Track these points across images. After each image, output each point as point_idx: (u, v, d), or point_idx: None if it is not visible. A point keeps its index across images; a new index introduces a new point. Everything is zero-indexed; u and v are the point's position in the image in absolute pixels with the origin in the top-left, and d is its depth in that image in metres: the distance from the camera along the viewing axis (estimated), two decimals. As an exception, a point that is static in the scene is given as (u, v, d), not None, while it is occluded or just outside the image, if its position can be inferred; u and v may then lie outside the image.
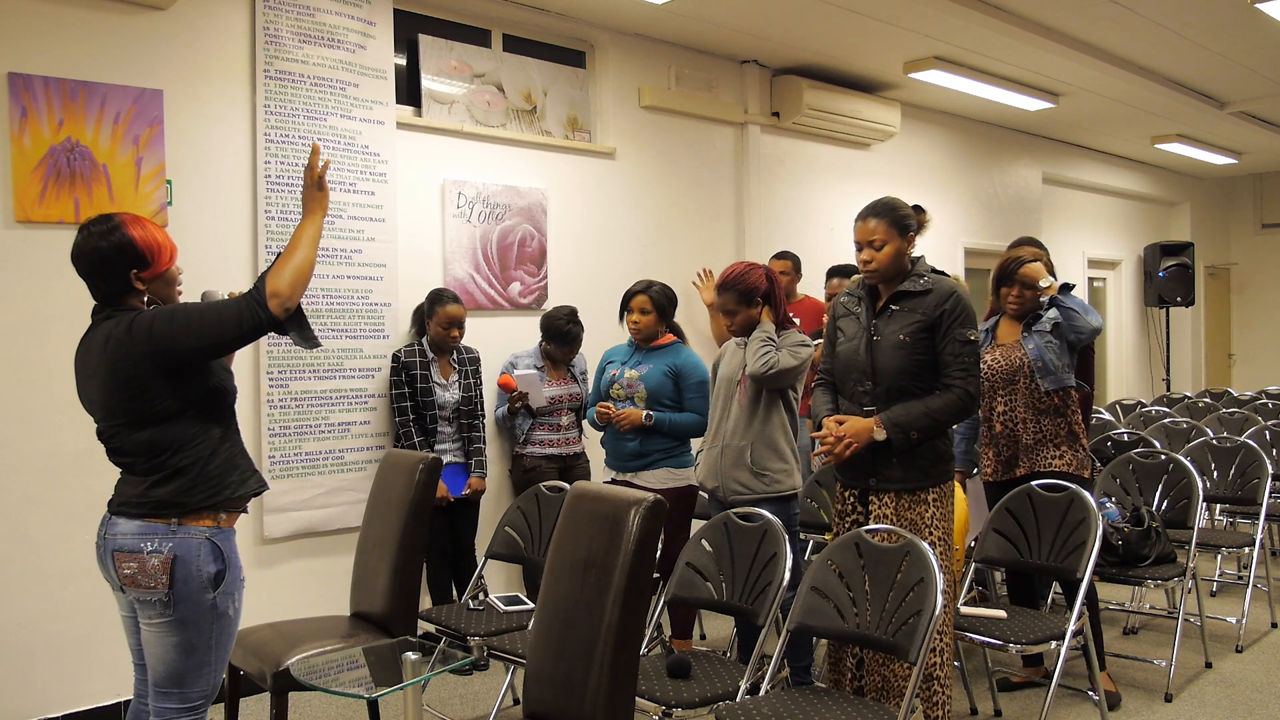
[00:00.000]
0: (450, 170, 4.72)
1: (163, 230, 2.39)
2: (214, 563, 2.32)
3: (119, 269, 2.29)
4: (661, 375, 3.87)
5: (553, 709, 2.43)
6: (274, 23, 4.08)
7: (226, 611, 2.35)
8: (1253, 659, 4.30)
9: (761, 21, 5.36)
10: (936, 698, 2.92)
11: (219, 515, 2.35)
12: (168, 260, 2.37)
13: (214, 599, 2.32)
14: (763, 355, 3.35)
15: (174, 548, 2.29)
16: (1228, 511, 5.48)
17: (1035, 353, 3.70)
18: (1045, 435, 3.70)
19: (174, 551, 2.29)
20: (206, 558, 2.31)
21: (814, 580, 2.87)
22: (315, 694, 3.66)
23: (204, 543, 2.32)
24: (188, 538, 2.30)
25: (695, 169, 5.82)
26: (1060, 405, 3.69)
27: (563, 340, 4.53)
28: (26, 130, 3.51)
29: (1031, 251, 3.92)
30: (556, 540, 2.62)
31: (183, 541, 2.30)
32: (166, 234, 2.39)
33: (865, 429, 2.93)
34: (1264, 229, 11.11)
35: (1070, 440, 3.70)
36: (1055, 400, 3.69)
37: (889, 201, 3.06)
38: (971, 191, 7.87)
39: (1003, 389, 3.74)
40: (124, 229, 2.30)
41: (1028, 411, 3.71)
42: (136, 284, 2.32)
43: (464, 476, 4.37)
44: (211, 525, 2.33)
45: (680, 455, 3.93)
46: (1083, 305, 3.66)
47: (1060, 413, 3.70)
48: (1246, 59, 6.48)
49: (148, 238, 2.32)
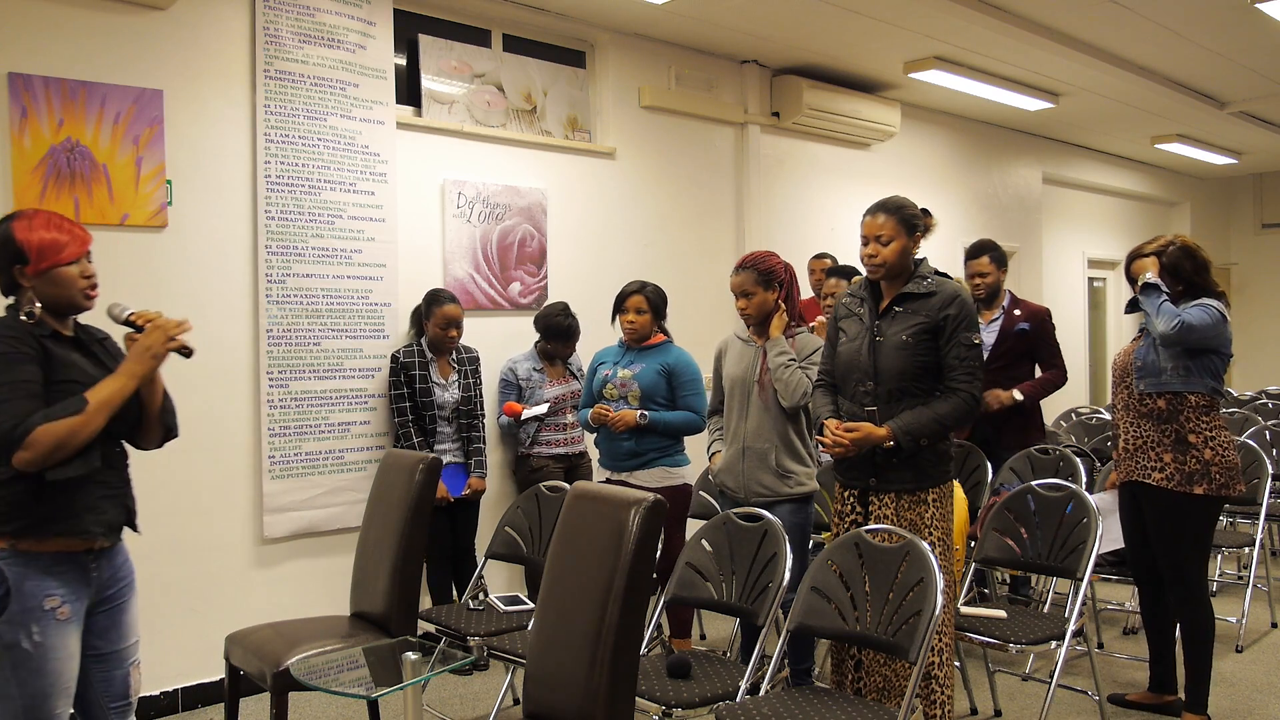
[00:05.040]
0: (450, 170, 4.72)
1: (67, 230, 2.25)
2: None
3: (2, 263, 2.23)
4: (654, 374, 3.87)
5: (553, 709, 2.43)
6: (274, 23, 4.08)
7: (18, 643, 2.13)
8: (1253, 659, 4.30)
9: (761, 21, 5.36)
10: (936, 697, 2.92)
11: (18, 540, 2.15)
12: (51, 261, 2.21)
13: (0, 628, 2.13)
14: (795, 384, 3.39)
15: None
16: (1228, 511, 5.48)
17: (1140, 352, 3.48)
18: (1147, 442, 3.45)
19: None
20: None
21: (814, 580, 2.87)
22: (315, 694, 3.66)
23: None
24: None
25: (695, 169, 5.82)
26: (1166, 410, 3.41)
27: (564, 335, 4.54)
28: (26, 130, 3.51)
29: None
30: (556, 540, 2.62)
31: None
32: (72, 234, 2.25)
33: (877, 440, 2.93)
34: (1264, 229, 11.11)
35: (1177, 448, 3.39)
36: (1159, 404, 3.43)
37: (898, 199, 3.07)
38: (971, 191, 7.87)
39: (1117, 389, 3.60)
40: (8, 222, 2.24)
41: (1127, 414, 3.53)
42: (21, 280, 2.23)
43: (464, 476, 4.37)
44: (3, 548, 2.15)
45: (675, 454, 3.94)
46: (1157, 308, 3.37)
47: (1166, 419, 3.41)
48: (1246, 59, 6.48)
49: (30, 235, 2.21)
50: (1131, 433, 3.50)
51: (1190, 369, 3.37)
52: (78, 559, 2.23)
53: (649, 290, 3.97)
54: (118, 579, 2.37)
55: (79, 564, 2.24)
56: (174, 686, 3.84)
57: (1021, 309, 4.67)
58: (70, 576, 2.22)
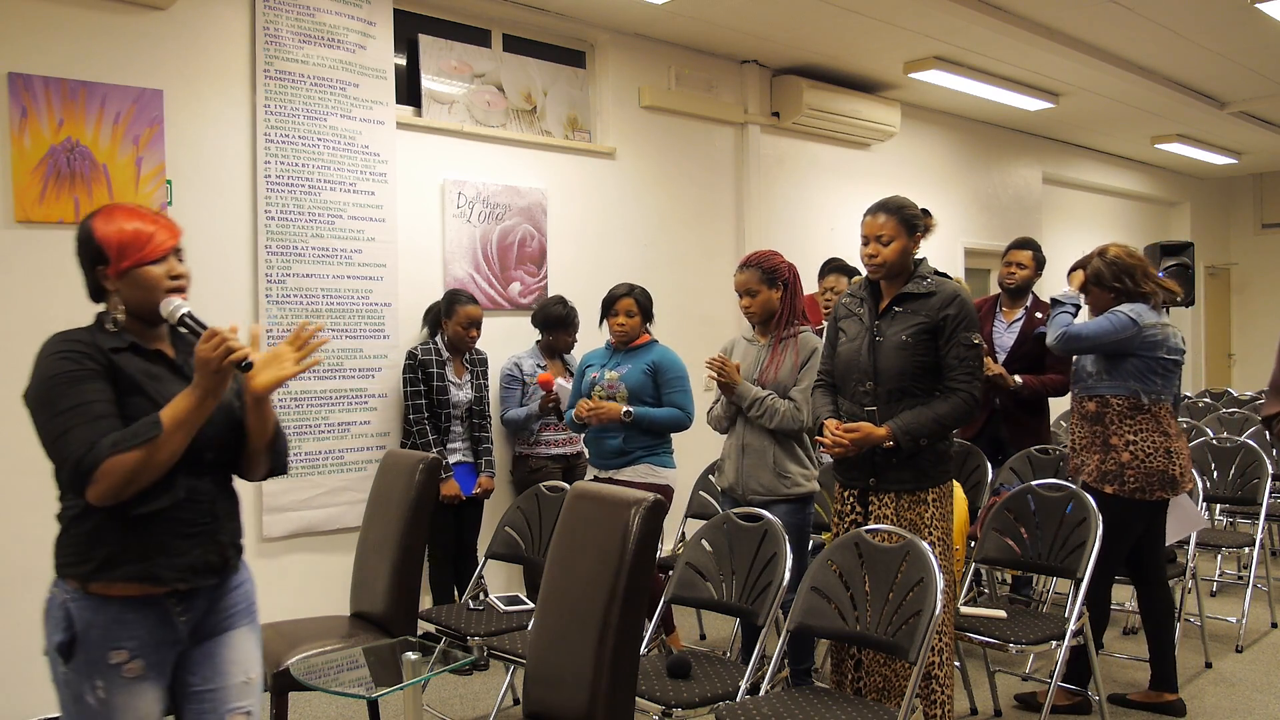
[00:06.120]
0: (450, 170, 4.72)
1: (152, 221, 1.99)
2: (60, 630, 1.89)
3: (85, 264, 1.99)
4: (641, 374, 3.89)
5: (553, 709, 2.43)
6: (274, 23, 4.08)
7: (82, 696, 1.87)
8: (1253, 659, 4.30)
9: (761, 21, 5.36)
10: (936, 697, 2.92)
11: (87, 583, 1.89)
12: (133, 259, 1.94)
13: (65, 674, 1.89)
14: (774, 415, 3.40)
15: (47, 601, 1.95)
16: (1228, 511, 5.48)
17: (1077, 358, 3.67)
18: (1082, 442, 3.60)
19: (45, 606, 1.95)
20: (56, 620, 1.91)
21: (814, 580, 2.87)
22: (315, 694, 3.66)
23: (60, 605, 1.90)
24: (55, 591, 1.94)
25: (695, 169, 5.82)
26: (1095, 413, 3.55)
27: (563, 323, 4.55)
28: (26, 130, 3.51)
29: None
30: (556, 540, 2.62)
31: (51, 595, 1.94)
32: (158, 225, 1.99)
33: (877, 440, 2.93)
34: (1264, 229, 11.12)
35: (1101, 449, 3.53)
36: (1089, 407, 3.58)
37: (899, 199, 3.07)
38: (971, 191, 7.87)
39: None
40: (90, 219, 1.98)
41: (1073, 417, 3.68)
42: (105, 284, 1.97)
43: (473, 476, 4.39)
44: (75, 588, 1.89)
45: (661, 454, 3.94)
46: (1052, 320, 3.65)
47: (1095, 420, 3.55)
48: (1246, 59, 6.48)
49: (110, 229, 1.94)
50: (1074, 434, 3.68)
51: (1111, 373, 3.52)
52: (158, 603, 1.92)
53: (638, 293, 3.98)
54: (218, 613, 2.04)
55: (160, 609, 1.93)
56: (174, 686, 3.84)
57: (1044, 312, 4.65)
58: (148, 625, 1.91)
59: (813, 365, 3.38)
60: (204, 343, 1.86)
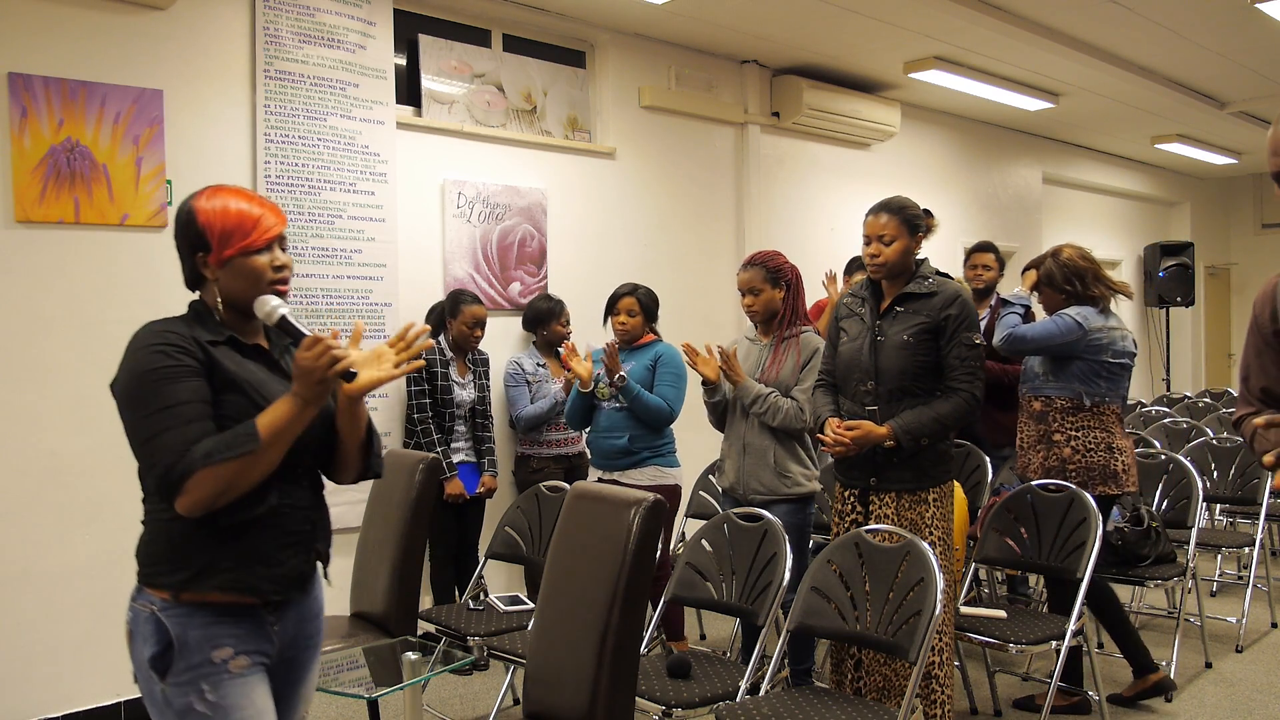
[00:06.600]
0: (450, 170, 4.72)
1: (259, 204, 1.83)
2: (152, 643, 1.76)
3: (184, 249, 1.83)
4: (644, 370, 3.91)
5: (553, 709, 2.43)
6: (274, 23, 4.08)
7: (191, 708, 1.74)
8: (1253, 659, 4.30)
9: (761, 21, 5.36)
10: (936, 697, 2.92)
11: (179, 592, 1.76)
12: (237, 247, 1.79)
13: (163, 691, 1.75)
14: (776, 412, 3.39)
15: (130, 619, 1.81)
16: (1228, 511, 5.48)
17: (1025, 360, 3.80)
18: (1028, 439, 3.74)
19: (129, 624, 1.81)
20: (146, 635, 1.77)
21: (814, 580, 2.87)
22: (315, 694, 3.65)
23: (149, 618, 1.77)
24: (139, 606, 1.79)
25: (695, 169, 5.82)
26: (1040, 411, 3.70)
27: (553, 316, 4.56)
28: (26, 130, 3.51)
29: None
30: (556, 540, 2.62)
31: (135, 610, 1.80)
32: (265, 210, 1.83)
33: (877, 438, 2.93)
34: (1264, 229, 11.11)
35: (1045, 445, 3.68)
36: (1034, 406, 3.73)
37: (901, 200, 3.08)
38: (971, 191, 7.87)
39: None
40: (192, 200, 1.82)
41: (1020, 415, 3.81)
42: (204, 271, 1.82)
43: (477, 475, 4.39)
44: (165, 598, 1.76)
45: (667, 455, 3.95)
46: (1000, 322, 3.80)
47: (1039, 418, 3.70)
48: (1246, 59, 6.47)
49: (213, 212, 1.79)
50: (1021, 432, 3.79)
51: (1057, 374, 3.65)
52: (253, 612, 1.82)
53: (640, 293, 3.98)
54: (302, 637, 1.95)
55: (255, 618, 1.83)
56: (174, 686, 3.84)
57: None
58: (244, 626, 1.81)
59: (814, 365, 3.39)
60: (305, 350, 1.72)
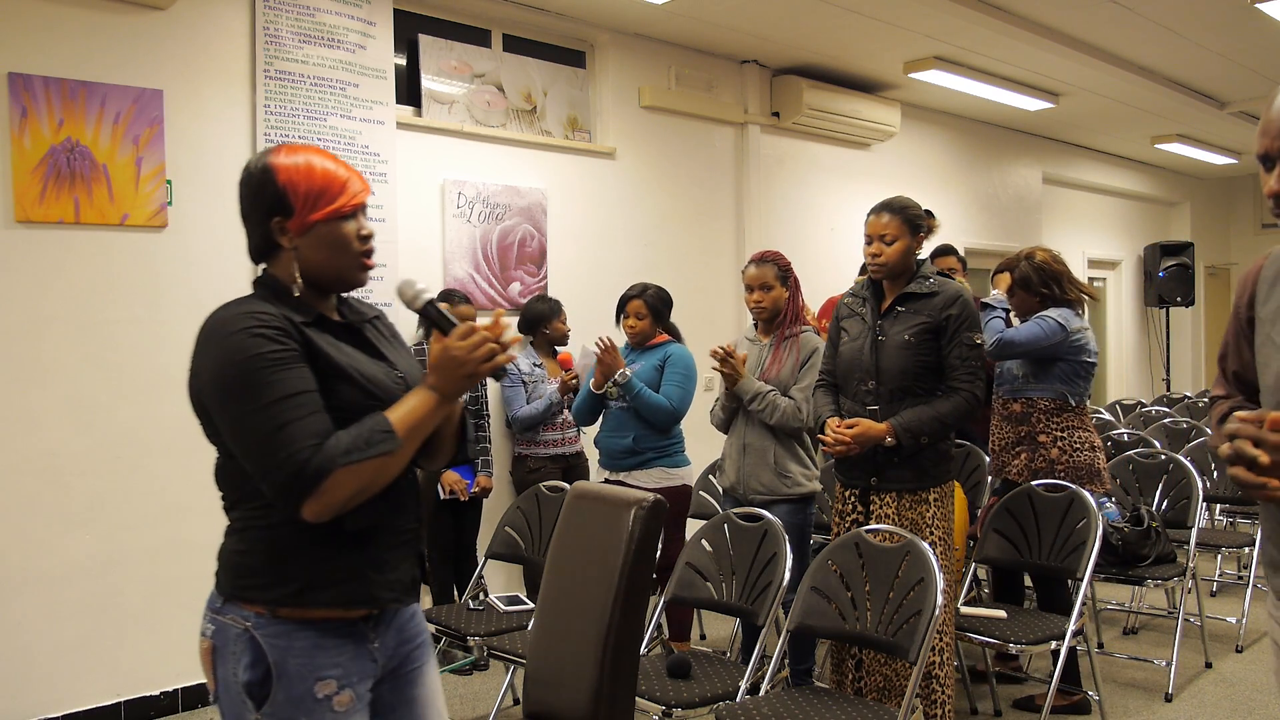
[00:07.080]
0: (450, 170, 4.72)
1: (345, 167, 1.63)
2: (249, 668, 1.54)
3: (257, 214, 1.62)
4: (653, 370, 3.90)
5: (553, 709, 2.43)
6: (274, 23, 4.08)
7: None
8: (1253, 659, 4.30)
9: (761, 21, 5.36)
10: (936, 697, 2.92)
11: (277, 607, 1.56)
12: (326, 210, 1.58)
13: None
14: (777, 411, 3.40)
15: (214, 633, 1.60)
16: (1228, 511, 5.48)
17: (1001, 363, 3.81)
18: (1007, 441, 3.75)
19: (213, 639, 1.59)
20: (240, 658, 1.55)
21: (814, 580, 2.87)
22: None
23: (240, 635, 1.56)
24: (228, 621, 1.58)
25: (695, 169, 5.82)
26: (1020, 413, 3.71)
27: (550, 316, 4.55)
28: (26, 130, 3.51)
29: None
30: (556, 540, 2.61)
31: (222, 627, 1.59)
32: (351, 171, 1.63)
33: (877, 436, 2.93)
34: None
35: (1029, 447, 3.68)
36: (1014, 408, 3.74)
37: (903, 200, 3.09)
38: (971, 191, 7.87)
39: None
40: (268, 156, 1.61)
41: (994, 418, 3.83)
42: (280, 239, 1.61)
43: (471, 476, 4.39)
44: (260, 614, 1.56)
45: (674, 455, 3.93)
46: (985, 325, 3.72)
47: (1020, 420, 3.71)
48: (1246, 59, 6.48)
49: (296, 170, 1.57)
50: (996, 434, 3.80)
51: (1039, 376, 3.67)
52: (353, 626, 1.62)
53: (649, 295, 3.97)
54: (405, 641, 1.72)
55: (355, 633, 1.62)
56: (174, 686, 3.84)
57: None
58: (347, 649, 1.60)
59: (814, 364, 3.39)
60: (460, 339, 1.55)
